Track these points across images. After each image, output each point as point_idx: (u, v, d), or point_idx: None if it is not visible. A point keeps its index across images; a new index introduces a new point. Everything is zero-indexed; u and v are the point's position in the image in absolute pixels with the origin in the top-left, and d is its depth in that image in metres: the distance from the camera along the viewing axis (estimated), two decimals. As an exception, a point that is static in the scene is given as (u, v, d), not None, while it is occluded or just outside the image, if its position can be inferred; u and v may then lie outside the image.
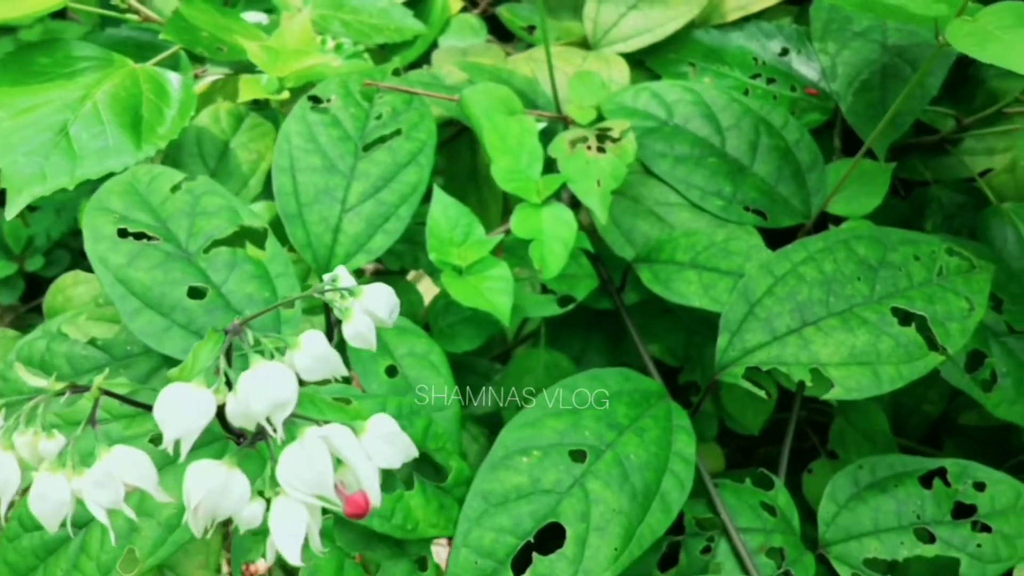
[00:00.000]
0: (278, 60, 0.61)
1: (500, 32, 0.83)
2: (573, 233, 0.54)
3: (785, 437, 0.60)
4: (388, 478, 0.47)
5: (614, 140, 0.56)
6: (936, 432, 0.72)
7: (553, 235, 0.54)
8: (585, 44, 0.73)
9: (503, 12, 0.82)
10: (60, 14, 0.97)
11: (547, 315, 0.57)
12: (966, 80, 0.72)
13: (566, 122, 0.62)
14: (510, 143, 0.56)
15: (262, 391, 0.31)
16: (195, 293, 0.49)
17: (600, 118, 0.65)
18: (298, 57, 0.61)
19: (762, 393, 0.52)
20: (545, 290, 0.58)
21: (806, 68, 0.70)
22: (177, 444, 0.30)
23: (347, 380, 0.49)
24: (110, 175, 0.53)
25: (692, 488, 0.50)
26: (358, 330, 0.36)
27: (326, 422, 0.32)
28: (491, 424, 0.60)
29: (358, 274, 0.69)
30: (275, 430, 0.31)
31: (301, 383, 0.32)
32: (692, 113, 0.64)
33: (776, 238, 0.63)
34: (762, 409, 0.66)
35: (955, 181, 0.73)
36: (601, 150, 0.56)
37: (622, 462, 0.49)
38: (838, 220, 0.62)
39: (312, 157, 0.56)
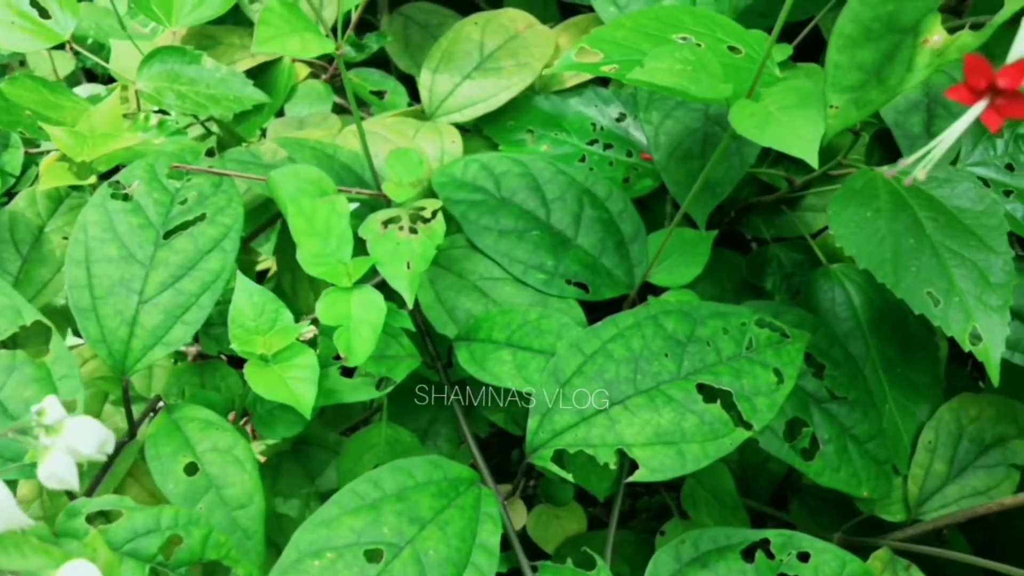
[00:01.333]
0: (84, 144, 0.59)
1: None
2: (382, 317, 0.53)
3: (612, 510, 0.60)
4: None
5: (425, 220, 0.56)
6: (783, 491, 0.73)
7: (362, 320, 0.53)
8: (422, 114, 0.72)
9: (352, 77, 0.81)
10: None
11: (363, 399, 0.56)
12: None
13: (388, 200, 0.61)
14: (318, 226, 0.55)
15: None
16: (-30, 399, 0.47)
17: (430, 193, 0.65)
18: (105, 141, 0.59)
19: (569, 476, 0.52)
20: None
21: (641, 133, 0.71)
22: None
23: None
24: None
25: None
26: (54, 471, 0.34)
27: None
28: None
29: (179, 356, 0.68)
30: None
31: None
32: (519, 185, 0.64)
33: (604, 310, 0.63)
34: (606, 476, 0.65)
35: (793, 239, 0.74)
36: (414, 231, 0.56)
37: (420, 559, 0.48)
38: (662, 290, 0.62)
39: (109, 247, 0.54)
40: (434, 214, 0.56)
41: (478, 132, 0.73)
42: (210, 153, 0.62)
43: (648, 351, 0.54)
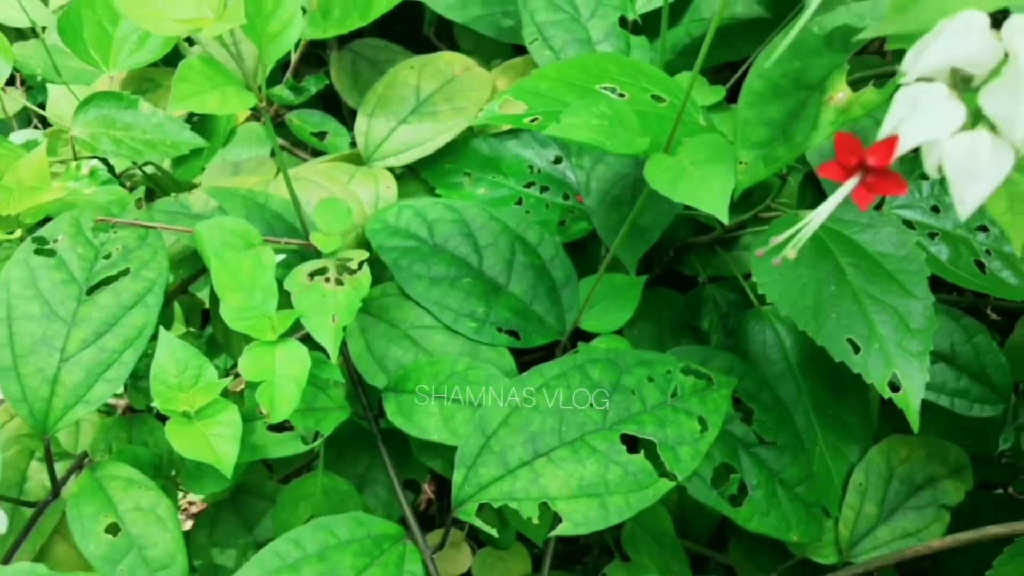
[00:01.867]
0: (11, 198, 0.59)
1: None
2: (306, 371, 0.53)
3: (544, 557, 0.60)
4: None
5: (352, 272, 0.56)
6: (722, 531, 0.73)
7: (285, 375, 0.53)
8: (358, 159, 0.73)
9: (292, 119, 0.81)
10: None
11: (290, 454, 0.56)
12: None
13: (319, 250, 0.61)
14: (242, 280, 0.55)
15: None
16: None
17: (365, 240, 0.65)
18: (32, 194, 0.59)
19: (493, 531, 0.52)
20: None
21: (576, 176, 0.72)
22: None
23: None
24: None
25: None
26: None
27: None
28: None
29: (108, 409, 0.67)
30: None
31: None
32: (452, 232, 0.64)
33: (536, 356, 0.63)
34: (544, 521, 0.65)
35: (730, 279, 0.75)
36: (340, 282, 0.56)
37: (339, 619, 0.47)
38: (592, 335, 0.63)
39: (31, 304, 0.54)
40: (360, 265, 0.56)
41: (416, 176, 0.73)
42: (142, 203, 0.62)
43: (573, 401, 0.54)
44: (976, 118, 0.29)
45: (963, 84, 0.29)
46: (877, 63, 0.71)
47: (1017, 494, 0.78)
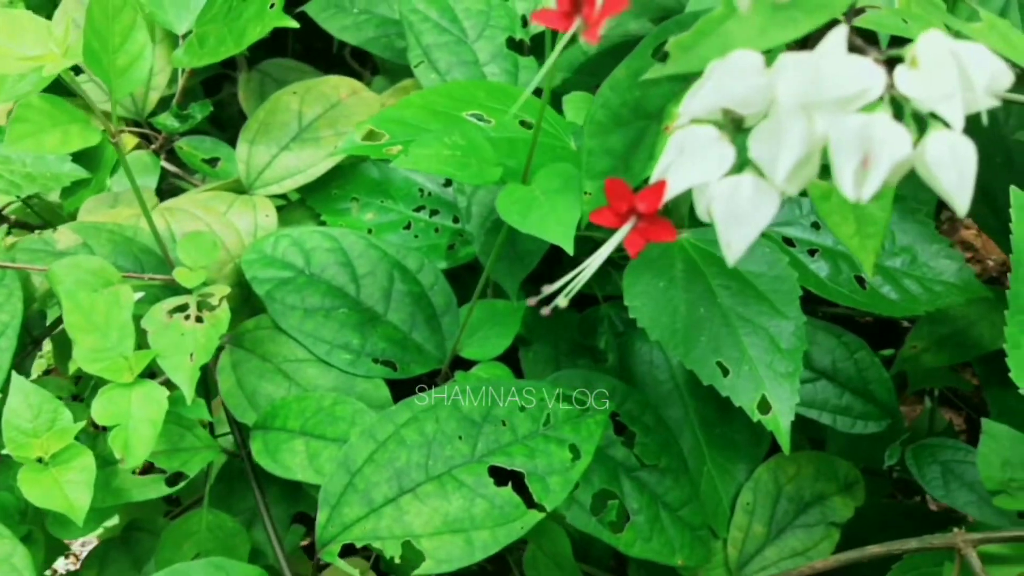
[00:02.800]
0: None
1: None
2: (163, 412, 0.52)
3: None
4: None
5: (211, 308, 0.55)
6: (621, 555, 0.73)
7: (141, 418, 0.52)
8: (242, 187, 0.72)
9: (182, 145, 0.80)
10: None
11: (152, 498, 0.55)
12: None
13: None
14: (96, 320, 0.54)
15: None
16: None
17: (242, 274, 0.64)
18: None
19: (355, 572, 0.51)
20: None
21: (465, 199, 0.71)
22: None
23: None
24: None
25: None
26: None
27: None
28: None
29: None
30: None
31: None
32: (329, 261, 0.63)
33: (415, 389, 0.63)
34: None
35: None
36: (200, 319, 0.55)
37: (190, 670, 0.46)
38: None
39: None
40: (221, 301, 0.55)
41: (302, 203, 0.73)
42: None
43: (442, 434, 0.54)
44: (746, 161, 0.28)
45: (735, 125, 0.29)
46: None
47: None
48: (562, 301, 0.32)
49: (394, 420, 0.54)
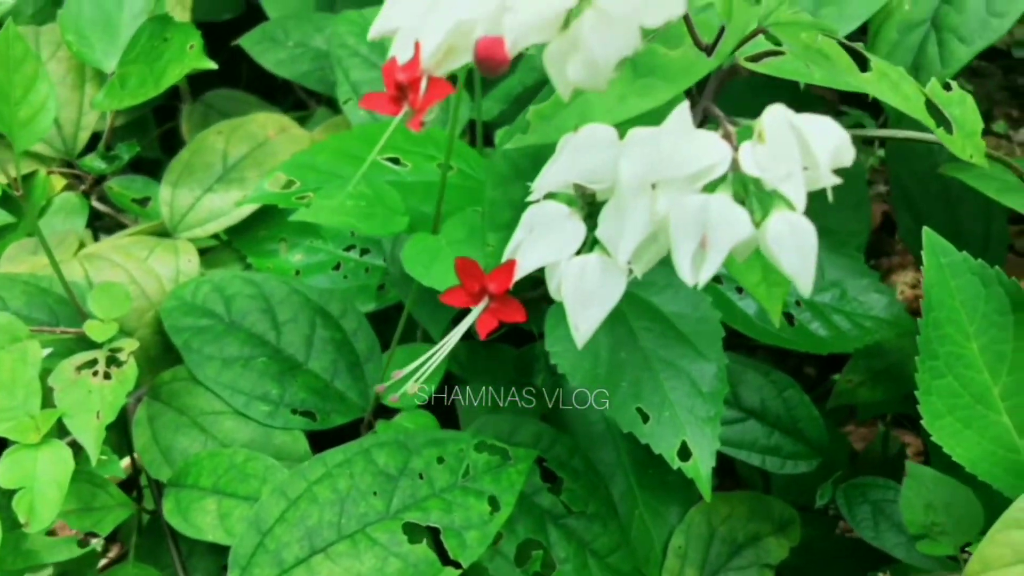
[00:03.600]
0: None
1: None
2: (69, 473, 0.51)
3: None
4: None
5: (119, 364, 0.54)
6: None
7: (47, 480, 0.51)
8: (164, 230, 0.71)
9: (112, 186, 0.79)
10: None
11: (65, 559, 0.54)
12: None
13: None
14: (2, 378, 0.53)
15: None
16: None
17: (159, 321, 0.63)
18: None
19: (264, 636, 0.50)
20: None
21: (395, 238, 0.71)
22: None
23: None
24: None
25: None
26: None
27: None
28: None
29: None
30: None
31: None
32: (250, 307, 0.63)
33: (340, 436, 0.62)
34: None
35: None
36: (108, 375, 0.54)
37: None
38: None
39: None
40: (128, 357, 0.54)
41: (228, 245, 0.72)
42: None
43: (356, 490, 0.53)
44: (595, 240, 0.28)
45: (588, 201, 0.29)
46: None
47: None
48: (412, 387, 0.32)
49: (306, 477, 0.53)
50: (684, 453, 0.53)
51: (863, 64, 0.40)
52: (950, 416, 0.47)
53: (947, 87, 0.42)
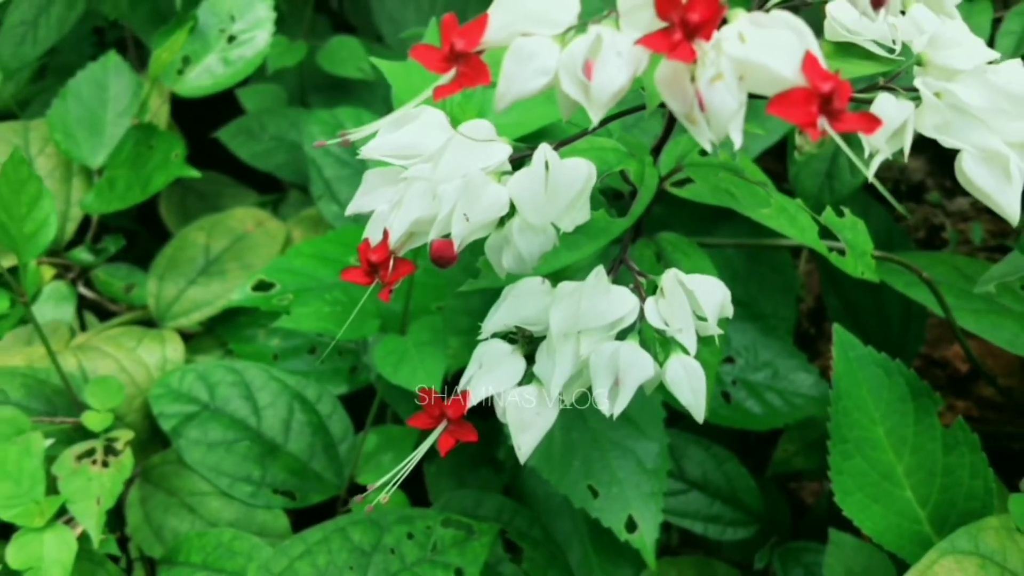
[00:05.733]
0: None
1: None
2: (73, 555, 0.57)
3: None
4: None
5: (116, 453, 0.60)
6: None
7: (52, 561, 0.57)
8: (151, 319, 0.78)
9: (99, 275, 0.86)
10: None
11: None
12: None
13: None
14: (8, 468, 0.59)
15: None
16: None
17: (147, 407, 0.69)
18: None
19: None
20: None
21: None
22: None
23: None
24: None
25: None
26: None
27: None
28: None
29: None
30: None
31: None
32: (232, 394, 0.69)
33: (316, 515, 0.69)
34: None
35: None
36: (106, 464, 0.60)
37: None
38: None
39: None
40: (125, 446, 0.61)
41: (210, 331, 0.78)
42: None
43: (334, 566, 0.59)
44: (533, 375, 0.35)
45: (528, 340, 0.36)
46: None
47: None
48: (384, 499, 0.39)
49: (288, 554, 0.59)
50: (631, 525, 0.60)
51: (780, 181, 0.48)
52: (860, 492, 0.55)
53: (840, 213, 0.49)
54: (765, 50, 0.22)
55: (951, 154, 0.35)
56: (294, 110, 0.93)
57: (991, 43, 0.66)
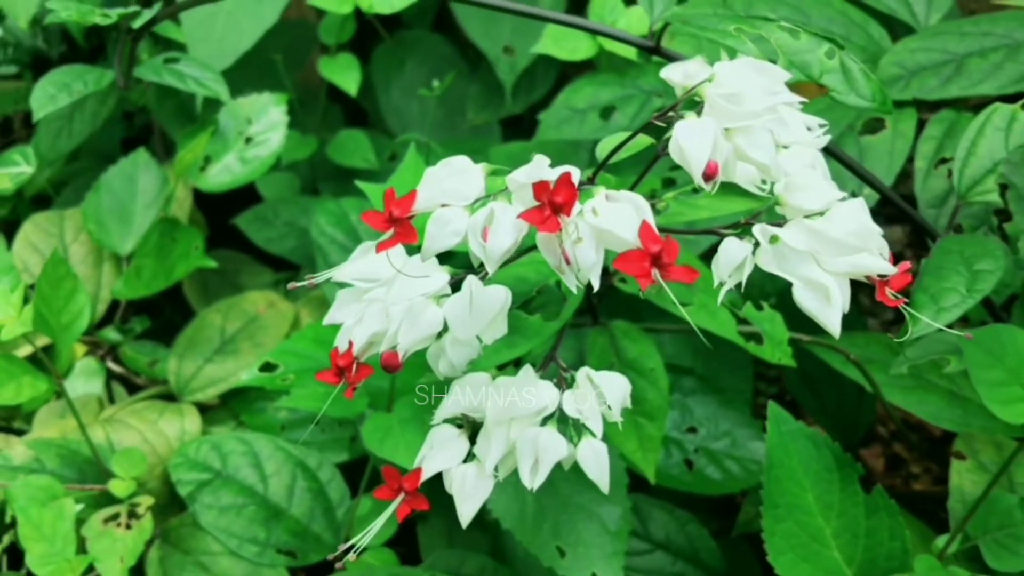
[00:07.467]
0: None
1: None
2: (98, 609, 0.66)
3: None
4: None
5: (138, 516, 0.69)
6: None
7: (81, 614, 0.66)
8: (172, 394, 0.87)
9: (127, 351, 0.96)
10: None
11: None
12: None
13: (122, 489, 0.75)
14: (44, 531, 0.68)
15: None
16: None
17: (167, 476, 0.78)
18: None
19: None
20: None
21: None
22: None
23: None
24: None
25: None
26: None
27: None
28: None
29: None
30: None
31: None
32: (242, 463, 0.78)
33: (315, 571, 0.77)
34: None
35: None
36: (129, 526, 0.69)
37: None
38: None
39: None
40: (145, 511, 0.70)
41: (225, 404, 0.88)
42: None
43: (328, 618, 0.67)
44: (473, 454, 0.44)
45: (472, 425, 0.45)
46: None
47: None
48: (351, 557, 0.47)
49: (289, 607, 0.68)
50: (594, 584, 0.68)
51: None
52: (791, 553, 0.62)
53: (759, 307, 0.58)
54: (613, 220, 0.31)
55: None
56: (305, 198, 1.04)
57: (914, 147, 0.74)
